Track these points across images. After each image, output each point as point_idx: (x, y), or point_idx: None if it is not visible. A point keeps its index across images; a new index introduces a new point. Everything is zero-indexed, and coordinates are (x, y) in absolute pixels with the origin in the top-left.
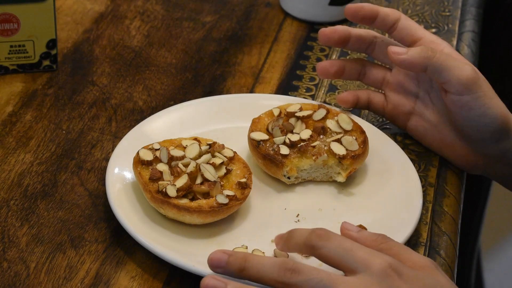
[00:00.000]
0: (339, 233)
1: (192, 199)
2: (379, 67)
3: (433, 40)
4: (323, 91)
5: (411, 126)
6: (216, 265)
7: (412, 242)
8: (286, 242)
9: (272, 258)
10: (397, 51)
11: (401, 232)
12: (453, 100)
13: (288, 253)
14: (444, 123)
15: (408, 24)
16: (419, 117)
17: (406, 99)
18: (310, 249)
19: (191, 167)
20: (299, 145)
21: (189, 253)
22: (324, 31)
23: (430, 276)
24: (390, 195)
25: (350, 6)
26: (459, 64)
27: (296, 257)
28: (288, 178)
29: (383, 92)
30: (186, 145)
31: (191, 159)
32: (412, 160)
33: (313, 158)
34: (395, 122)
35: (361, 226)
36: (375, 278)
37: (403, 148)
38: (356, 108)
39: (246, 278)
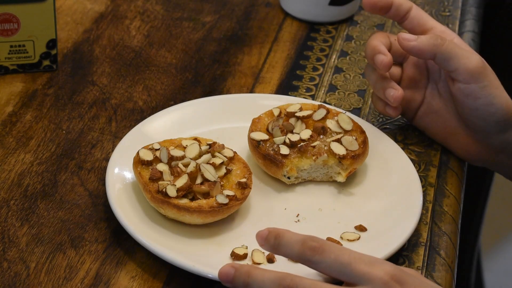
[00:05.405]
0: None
1: (192, 199)
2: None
3: (443, 31)
4: (323, 91)
5: (418, 116)
6: (224, 280)
7: (412, 242)
8: (275, 247)
9: (273, 273)
10: (407, 37)
11: (401, 232)
12: (460, 88)
13: None
14: (450, 113)
15: (419, 14)
16: (426, 107)
17: (417, 93)
18: (305, 263)
19: (191, 167)
20: (299, 145)
21: (189, 253)
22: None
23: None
24: (390, 195)
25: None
26: (467, 53)
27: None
28: (288, 178)
29: None
30: (186, 145)
31: (191, 159)
32: (412, 160)
33: (313, 158)
34: (404, 116)
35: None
36: None
37: (403, 148)
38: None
39: None
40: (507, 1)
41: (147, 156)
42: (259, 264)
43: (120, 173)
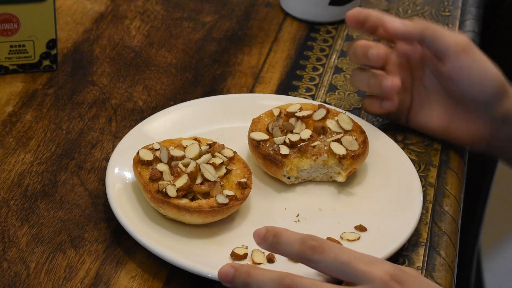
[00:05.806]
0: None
1: (192, 199)
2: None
3: None
4: (323, 91)
5: (411, 117)
6: (224, 280)
7: (412, 242)
8: (273, 246)
9: (272, 273)
10: (393, 23)
11: (401, 232)
12: (453, 66)
13: None
14: (441, 104)
15: (395, 19)
16: (417, 105)
17: (405, 93)
18: (304, 262)
19: (191, 167)
20: (299, 145)
21: (189, 253)
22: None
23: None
24: (390, 195)
25: (349, 16)
26: (452, 32)
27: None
28: (288, 178)
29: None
30: (186, 145)
31: (191, 159)
32: (412, 160)
33: (313, 158)
34: (398, 121)
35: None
36: None
37: (403, 148)
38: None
39: None
40: (507, 1)
41: (147, 156)
42: (259, 264)
43: (120, 173)
